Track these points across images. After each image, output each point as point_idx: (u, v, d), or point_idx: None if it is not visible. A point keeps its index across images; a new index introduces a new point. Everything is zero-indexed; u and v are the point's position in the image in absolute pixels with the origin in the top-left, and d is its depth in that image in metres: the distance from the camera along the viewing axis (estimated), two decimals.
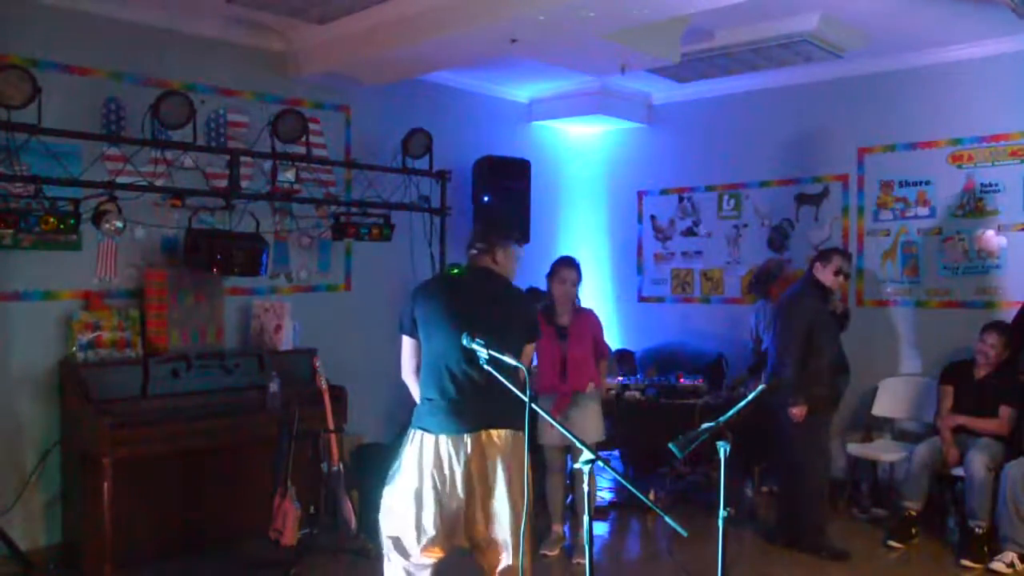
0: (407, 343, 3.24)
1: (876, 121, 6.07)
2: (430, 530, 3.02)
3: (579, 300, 4.84)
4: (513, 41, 4.76)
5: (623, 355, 6.59)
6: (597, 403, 4.78)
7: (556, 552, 4.81)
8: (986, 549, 4.50)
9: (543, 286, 6.13)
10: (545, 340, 4.47)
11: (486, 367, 2.81)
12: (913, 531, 4.85)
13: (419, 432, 3.07)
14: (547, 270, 4.86)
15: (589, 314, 4.86)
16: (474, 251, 3.31)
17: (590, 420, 4.68)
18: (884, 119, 6.03)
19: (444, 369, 3.06)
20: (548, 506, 4.90)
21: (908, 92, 5.92)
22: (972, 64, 5.64)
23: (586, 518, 2.42)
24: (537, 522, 4.71)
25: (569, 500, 5.48)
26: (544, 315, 4.58)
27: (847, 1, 4.89)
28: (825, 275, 4.75)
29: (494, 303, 3.18)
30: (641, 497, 2.59)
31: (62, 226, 4.17)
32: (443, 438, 3.01)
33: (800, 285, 4.90)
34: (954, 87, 5.73)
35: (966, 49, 5.61)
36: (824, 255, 4.85)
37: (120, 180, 4.58)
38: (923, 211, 5.89)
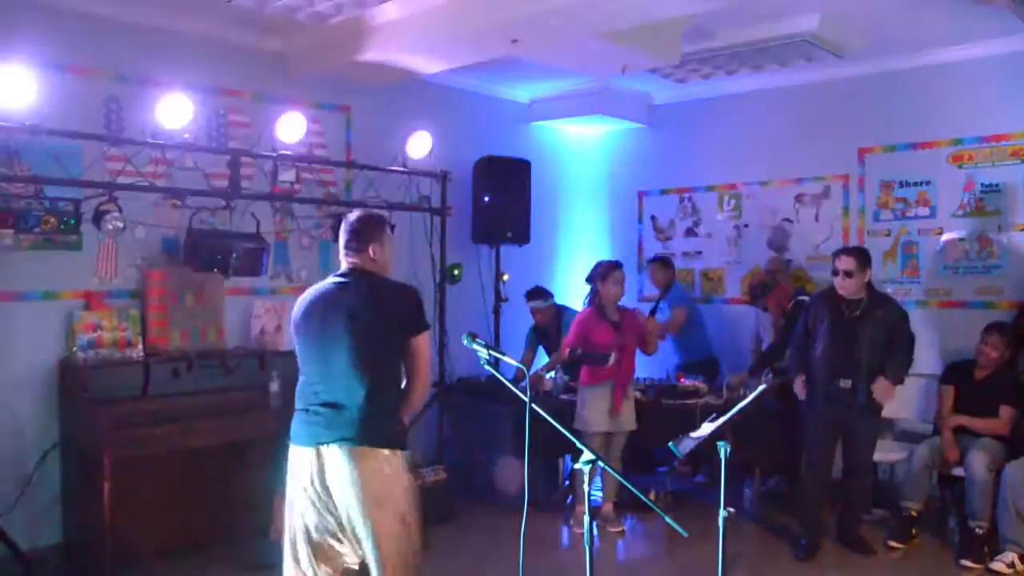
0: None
1: (876, 121, 6.07)
2: (304, 562, 2.94)
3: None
4: (513, 41, 4.76)
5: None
6: (632, 394, 5.27)
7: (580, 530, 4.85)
8: (986, 549, 4.49)
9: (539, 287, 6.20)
10: (603, 334, 5.05)
11: (488, 367, 2.80)
12: (913, 531, 4.85)
13: (290, 442, 2.98)
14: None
15: (634, 312, 5.31)
16: (348, 256, 3.03)
17: (631, 410, 5.17)
18: (884, 119, 6.03)
19: (308, 382, 2.96)
20: (577, 490, 5.13)
21: (908, 92, 5.92)
22: (972, 64, 5.64)
23: (586, 518, 2.43)
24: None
25: (569, 500, 5.51)
26: (598, 312, 5.13)
27: (847, 1, 4.89)
28: None
29: (359, 311, 2.90)
30: (641, 497, 2.60)
31: (62, 226, 4.18)
32: (303, 450, 2.90)
33: None
34: (954, 87, 5.73)
35: (966, 49, 5.61)
36: None
37: (120, 180, 4.57)
38: (923, 211, 5.89)
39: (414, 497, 2.94)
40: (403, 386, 2.99)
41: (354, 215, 3.11)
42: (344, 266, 3.05)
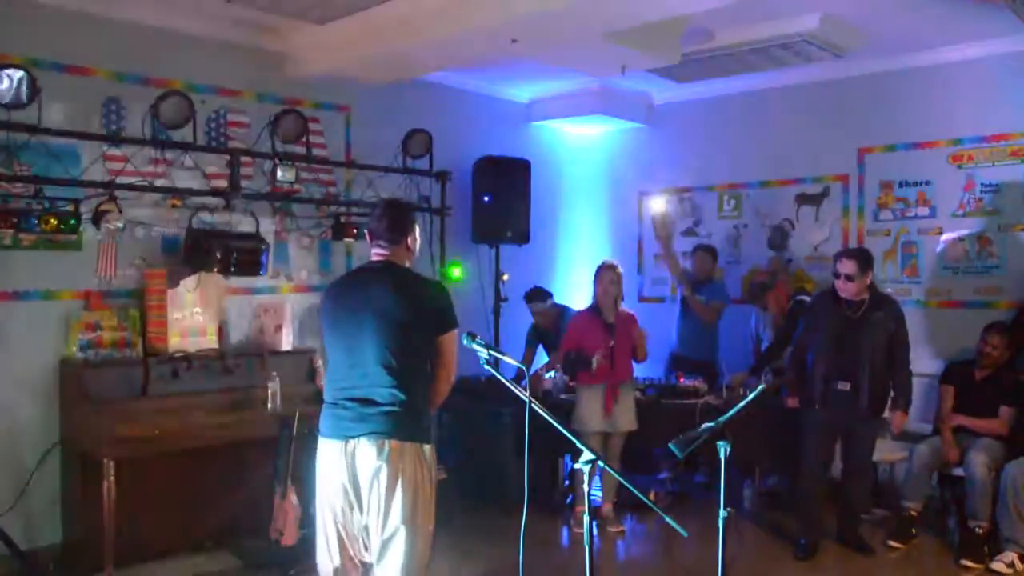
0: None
1: (876, 121, 6.07)
2: (335, 557, 2.91)
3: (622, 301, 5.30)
4: (513, 41, 4.76)
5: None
6: (632, 395, 5.25)
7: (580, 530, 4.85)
8: (986, 549, 4.49)
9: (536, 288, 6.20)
10: (597, 334, 5.05)
11: (487, 367, 2.79)
12: (913, 531, 4.85)
13: (319, 436, 2.97)
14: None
15: (630, 316, 5.27)
16: (382, 248, 3.03)
17: (629, 410, 5.15)
18: (884, 119, 6.03)
19: (337, 376, 2.95)
20: (577, 490, 5.18)
21: (908, 92, 5.92)
22: (972, 64, 5.64)
23: (586, 518, 2.42)
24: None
25: (569, 500, 5.51)
26: (594, 313, 5.16)
27: (847, 1, 4.89)
28: None
29: (389, 307, 2.90)
30: (641, 497, 2.60)
31: (62, 226, 4.17)
32: (332, 443, 2.88)
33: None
34: (954, 87, 5.73)
35: (966, 49, 5.61)
36: None
37: (120, 180, 4.57)
38: (923, 211, 5.89)
39: (435, 492, 2.93)
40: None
41: (387, 204, 3.08)
42: (375, 257, 3.04)
